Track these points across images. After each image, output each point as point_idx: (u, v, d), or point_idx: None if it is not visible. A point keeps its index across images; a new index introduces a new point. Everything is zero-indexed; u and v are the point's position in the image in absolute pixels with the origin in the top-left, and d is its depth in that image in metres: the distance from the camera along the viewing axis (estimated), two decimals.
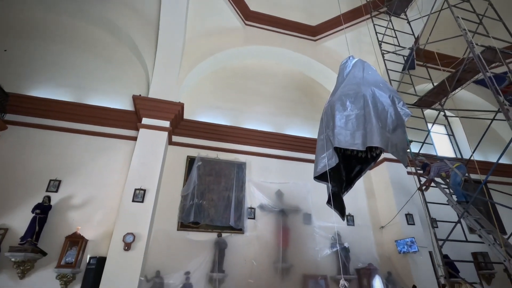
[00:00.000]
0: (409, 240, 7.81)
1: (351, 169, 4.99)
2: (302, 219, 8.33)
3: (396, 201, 8.54)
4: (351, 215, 8.85)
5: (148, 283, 6.33)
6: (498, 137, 11.52)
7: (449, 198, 5.17)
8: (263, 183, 8.54)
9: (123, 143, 7.71)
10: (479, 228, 4.57)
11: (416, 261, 7.78)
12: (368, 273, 7.74)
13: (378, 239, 8.78)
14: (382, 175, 9.30)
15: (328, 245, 8.08)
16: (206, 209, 7.66)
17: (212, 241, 7.30)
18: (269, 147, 9.17)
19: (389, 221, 8.53)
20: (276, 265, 7.45)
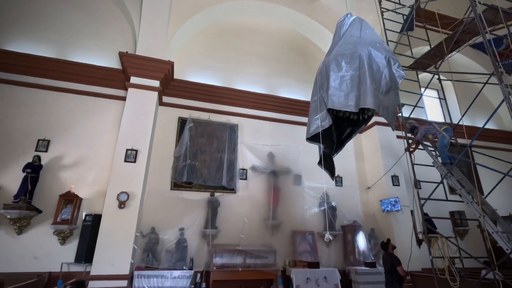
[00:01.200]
0: (393, 200, 8.23)
1: (342, 131, 5.04)
2: (293, 180, 8.60)
3: (383, 163, 8.83)
4: (339, 176, 9.16)
5: (144, 238, 6.63)
6: (487, 103, 11.68)
7: (434, 159, 5.36)
8: (255, 145, 8.62)
9: (112, 103, 7.51)
10: (460, 188, 4.82)
11: (398, 219, 8.28)
12: (353, 229, 8.25)
13: (363, 199, 9.22)
14: (372, 138, 9.47)
15: (317, 204, 8.47)
16: (198, 170, 7.78)
17: (205, 200, 7.54)
18: (261, 109, 9.10)
19: (375, 182, 8.89)
20: (266, 222, 7.83)
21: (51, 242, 6.11)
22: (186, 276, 6.26)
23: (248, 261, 6.97)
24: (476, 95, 5.76)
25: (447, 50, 5.62)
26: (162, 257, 6.57)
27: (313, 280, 7.05)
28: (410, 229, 8.24)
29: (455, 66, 10.64)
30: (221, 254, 6.88)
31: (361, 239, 8.16)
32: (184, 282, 6.20)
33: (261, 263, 7.05)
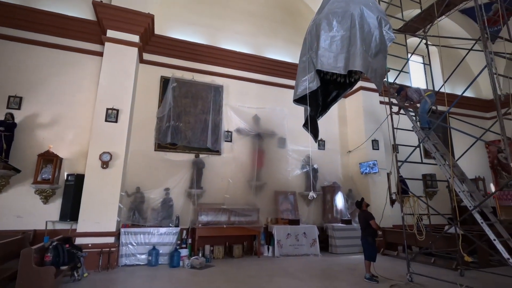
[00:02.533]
0: (371, 163, 8.62)
1: (328, 94, 5.04)
2: (277, 143, 8.73)
3: (365, 128, 9.07)
4: (322, 140, 9.37)
5: (129, 197, 6.69)
6: (469, 72, 11.91)
7: (414, 124, 5.56)
8: (241, 107, 8.52)
9: (88, 59, 7.04)
10: (435, 151, 5.10)
11: (375, 181, 8.76)
12: (332, 190, 8.69)
13: (344, 162, 9.59)
14: (356, 103, 9.59)
15: (299, 166, 8.74)
16: (183, 131, 7.68)
17: (190, 161, 7.57)
18: (247, 70, 8.86)
19: (357, 147, 9.20)
20: (250, 183, 8.06)
21: (33, 202, 6.05)
22: (173, 233, 6.49)
23: (233, 219, 7.28)
24: (460, 61, 5.83)
25: (437, 13, 5.54)
26: (148, 215, 6.72)
27: (293, 236, 7.54)
28: (386, 190, 8.81)
29: (443, 33, 10.58)
30: (207, 213, 7.12)
31: (339, 199, 8.66)
32: (170, 238, 6.45)
33: (245, 220, 7.39)
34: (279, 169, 8.53)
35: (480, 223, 4.28)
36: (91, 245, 5.58)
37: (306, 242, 7.61)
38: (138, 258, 6.10)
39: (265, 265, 6.33)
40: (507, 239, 4.16)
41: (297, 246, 7.51)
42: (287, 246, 7.42)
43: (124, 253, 6.04)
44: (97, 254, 5.59)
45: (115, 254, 5.81)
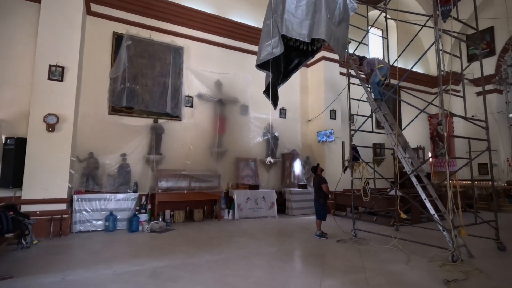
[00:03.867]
0: (328, 132, 9.08)
1: (290, 61, 5.06)
2: (239, 110, 8.69)
3: (325, 97, 9.38)
4: (284, 108, 9.54)
5: (81, 163, 6.32)
6: (422, 49, 12.63)
7: (368, 95, 5.90)
8: (202, 71, 8.20)
9: (23, 6, 6.07)
10: (384, 121, 5.53)
11: (331, 148, 9.31)
12: (291, 157, 9.08)
13: (304, 130, 9.96)
14: (318, 73, 9.77)
15: (261, 134, 8.89)
16: (140, 95, 7.24)
17: (148, 126, 7.26)
18: (209, 32, 8.41)
19: (316, 116, 9.55)
20: (212, 150, 8.06)
21: None
22: (131, 199, 6.37)
23: (193, 184, 7.32)
24: (413, 36, 6.16)
25: None
26: (104, 182, 6.46)
27: (252, 200, 7.88)
28: (339, 157, 9.43)
29: (402, 7, 10.92)
30: (166, 179, 7.04)
31: (297, 166, 9.11)
32: (128, 204, 6.33)
33: (205, 186, 7.48)
34: (241, 136, 8.60)
35: (415, 185, 4.86)
36: (39, 212, 5.27)
37: (264, 206, 8.03)
38: (94, 224, 5.94)
39: (225, 227, 6.60)
40: (435, 198, 4.81)
41: (256, 209, 7.90)
42: (247, 209, 7.76)
43: (78, 220, 5.83)
44: (47, 221, 5.32)
45: (67, 220, 5.58)
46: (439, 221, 4.48)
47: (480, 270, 3.74)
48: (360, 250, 4.72)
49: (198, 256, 4.31)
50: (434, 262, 4.04)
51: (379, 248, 4.83)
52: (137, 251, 4.65)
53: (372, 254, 4.49)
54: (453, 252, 4.05)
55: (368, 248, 4.86)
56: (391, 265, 3.98)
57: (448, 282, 3.28)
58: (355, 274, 3.60)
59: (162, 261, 4.06)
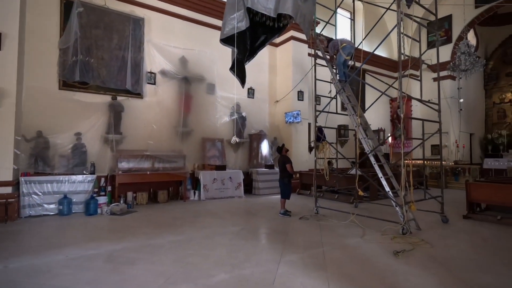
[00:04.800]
0: (295, 113, 9.16)
1: (256, 38, 4.90)
2: (206, 89, 8.40)
3: (293, 78, 9.37)
4: (252, 88, 9.41)
5: (28, 143, 5.76)
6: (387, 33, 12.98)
7: (333, 76, 5.96)
8: (166, 46, 7.71)
9: None
10: (347, 102, 5.66)
11: (298, 129, 9.44)
12: (258, 137, 9.08)
13: (271, 111, 9.96)
14: (286, 53, 9.68)
15: (228, 114, 8.73)
16: (95, 69, 6.66)
17: (106, 104, 6.77)
18: (173, 3, 7.85)
19: (283, 97, 9.56)
20: (177, 129, 7.77)
21: None
22: (88, 181, 5.99)
23: (157, 165, 7.07)
24: (378, 19, 6.25)
25: None
26: (56, 163, 5.98)
27: (219, 180, 7.83)
28: (305, 138, 9.64)
29: None
30: (127, 159, 6.71)
31: (265, 146, 9.15)
32: (85, 186, 5.96)
33: (170, 167, 7.26)
34: (207, 115, 8.38)
35: (373, 164, 5.11)
36: None
37: (231, 186, 8.03)
38: (46, 208, 5.53)
39: (191, 208, 6.52)
40: (390, 176, 5.10)
41: (223, 190, 7.88)
42: (213, 190, 7.71)
43: (27, 204, 5.38)
44: None
45: (14, 205, 5.12)
46: (392, 197, 4.78)
47: (425, 241, 4.08)
48: (320, 226, 4.92)
49: (159, 237, 4.22)
50: (387, 235, 4.34)
51: (338, 224, 5.08)
52: (93, 235, 4.43)
53: (331, 230, 4.71)
54: (403, 226, 4.38)
55: (328, 224, 5.08)
56: (347, 239, 4.20)
57: (397, 253, 3.54)
58: (313, 249, 3.75)
59: (120, 244, 3.90)
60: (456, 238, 4.38)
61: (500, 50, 14.60)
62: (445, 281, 2.83)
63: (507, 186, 5.28)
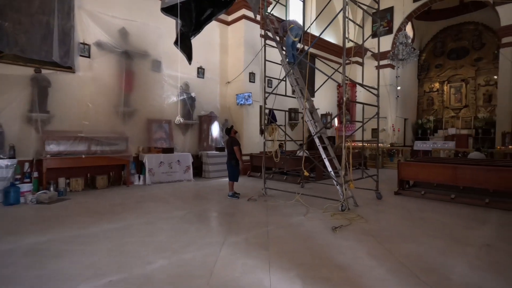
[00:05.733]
0: (246, 95, 9.05)
1: (202, 11, 4.58)
2: (151, 65, 7.78)
3: (245, 59, 9.17)
4: (202, 68, 8.99)
5: None
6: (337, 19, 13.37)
7: (282, 58, 5.94)
8: (101, 15, 6.86)
9: None
10: (296, 85, 5.72)
11: (249, 112, 9.38)
12: (209, 119, 8.82)
13: (222, 92, 9.70)
14: (238, 32, 9.38)
15: (176, 94, 8.25)
16: (11, 35, 5.64)
17: (27, 77, 5.85)
18: None
19: (235, 78, 9.34)
20: (117, 109, 7.12)
21: None
22: (6, 166, 5.20)
23: (95, 148, 6.43)
24: (327, 3, 6.32)
25: None
26: None
27: (166, 164, 7.47)
28: (257, 120, 9.65)
29: None
30: (57, 141, 5.96)
31: (215, 128, 8.94)
32: (3, 172, 5.17)
33: (110, 150, 6.68)
34: (152, 95, 7.81)
35: (317, 145, 5.30)
36: None
37: (179, 169, 7.73)
38: None
39: (134, 193, 6.12)
40: (333, 157, 5.36)
41: (171, 173, 7.55)
42: (160, 173, 7.35)
43: None
44: None
45: None
46: (334, 177, 5.05)
47: (361, 216, 4.41)
48: (267, 207, 5.01)
49: (94, 226, 3.86)
50: (327, 212, 4.59)
51: (284, 203, 5.22)
52: (13, 227, 3.88)
53: (277, 210, 4.83)
54: (342, 203, 4.66)
55: (275, 204, 5.20)
56: (291, 218, 4.34)
57: (335, 228, 3.75)
58: (258, 229, 3.79)
59: (45, 236, 3.48)
60: (387, 212, 4.82)
61: (431, 44, 16.14)
62: (374, 251, 3.08)
63: (430, 165, 5.95)
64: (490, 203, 5.07)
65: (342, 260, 2.84)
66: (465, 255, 2.99)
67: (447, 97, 15.53)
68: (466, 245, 3.29)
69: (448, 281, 2.44)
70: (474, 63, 14.65)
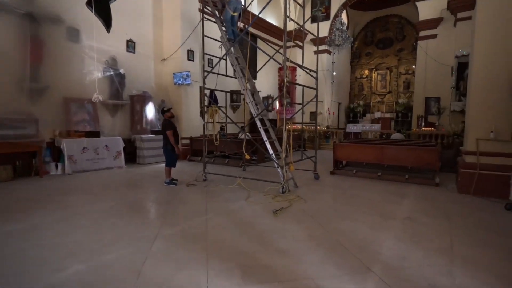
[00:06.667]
0: (185, 74, 8.40)
1: None
2: (66, 34, 6.57)
3: (182, 34, 8.43)
4: (132, 41, 7.99)
5: None
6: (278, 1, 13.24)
7: (222, 34, 5.55)
8: None
9: None
10: (236, 64, 5.42)
11: (188, 92, 8.77)
12: (142, 99, 7.98)
13: (158, 70, 8.84)
14: (174, 4, 8.53)
15: (101, 69, 7.19)
16: None
17: None
18: None
19: (172, 54, 8.57)
20: (22, 85, 5.87)
21: None
22: None
23: None
24: None
25: None
26: None
27: (91, 149, 6.55)
28: (196, 102, 9.12)
29: None
30: None
31: (150, 110, 8.16)
32: None
33: (14, 134, 5.53)
34: (70, 69, 6.66)
35: (258, 128, 5.17)
36: None
37: (108, 155, 6.88)
38: None
39: (49, 185, 5.21)
40: (274, 140, 5.31)
41: (97, 160, 6.67)
42: (83, 161, 6.42)
43: None
44: None
45: None
46: (275, 159, 5.02)
47: (300, 197, 4.49)
48: (207, 193, 4.75)
49: None
50: (268, 195, 4.55)
51: (225, 188, 5.03)
52: None
53: (218, 195, 4.61)
54: (283, 185, 4.68)
55: (215, 190, 4.97)
56: (232, 203, 4.17)
57: (275, 211, 3.71)
58: (196, 218, 3.52)
59: None
60: (324, 191, 5.02)
61: (363, 33, 17.31)
62: (313, 232, 3.11)
63: (360, 146, 6.40)
64: (409, 178, 5.69)
65: (282, 244, 2.79)
66: (391, 229, 3.22)
67: (375, 83, 17.02)
68: (391, 219, 3.57)
69: (379, 256, 2.57)
70: (397, 53, 16.23)
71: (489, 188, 4.52)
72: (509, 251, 2.73)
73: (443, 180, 5.72)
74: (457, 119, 9.16)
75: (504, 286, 2.14)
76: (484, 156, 4.60)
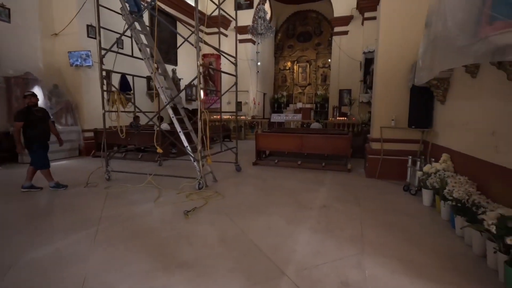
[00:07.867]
0: (84, 53, 7.03)
1: None
2: None
3: (77, 4, 6.96)
4: (5, 6, 6.22)
5: None
6: None
7: (123, 5, 4.64)
8: None
9: None
10: (141, 42, 4.63)
11: (89, 76, 7.39)
12: (24, 83, 6.36)
13: (48, 47, 7.18)
14: None
15: None
16: None
17: None
18: None
19: (64, 28, 7.04)
20: None
21: None
22: None
23: None
24: None
25: None
26: None
27: None
28: None
29: None
30: None
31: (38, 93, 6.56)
32: None
33: None
34: None
35: (171, 117, 4.55)
36: None
37: None
38: None
39: None
40: (190, 130, 4.78)
41: None
42: None
43: None
44: None
45: None
46: (190, 152, 4.51)
47: (218, 192, 4.12)
48: (106, 196, 3.96)
49: None
50: (182, 193, 4.05)
51: (132, 188, 4.31)
52: None
53: (121, 198, 3.88)
54: (200, 181, 4.22)
55: (118, 191, 4.19)
56: (137, 207, 3.53)
57: (187, 212, 3.25)
58: (82, 231, 2.79)
59: None
60: (245, 183, 4.76)
61: (285, 25, 17.78)
62: (226, 234, 2.77)
63: (281, 135, 6.38)
64: (326, 166, 5.91)
65: (187, 254, 2.36)
66: (308, 220, 3.12)
67: (296, 75, 17.77)
68: (309, 209, 3.50)
69: (294, 254, 2.38)
70: (315, 47, 17.20)
71: (391, 171, 4.95)
72: (409, 230, 2.89)
73: (354, 165, 6.12)
74: (365, 109, 10.12)
75: (411, 271, 2.16)
76: (387, 142, 5.01)
